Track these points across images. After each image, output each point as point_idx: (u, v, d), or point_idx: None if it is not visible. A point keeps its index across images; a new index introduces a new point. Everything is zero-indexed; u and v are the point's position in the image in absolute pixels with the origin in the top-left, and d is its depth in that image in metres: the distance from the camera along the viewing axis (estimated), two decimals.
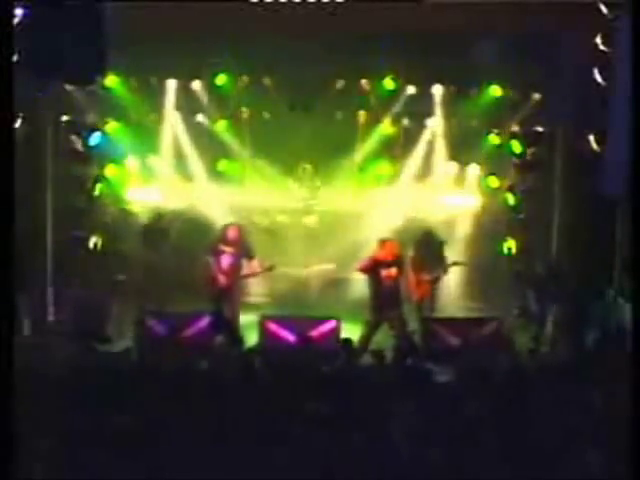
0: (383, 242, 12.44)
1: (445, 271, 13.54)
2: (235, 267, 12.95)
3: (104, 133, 14.97)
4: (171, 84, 15.09)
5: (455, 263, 13.73)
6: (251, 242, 13.26)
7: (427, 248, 13.62)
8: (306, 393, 7.78)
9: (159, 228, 14.73)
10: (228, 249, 12.92)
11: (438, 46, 13.66)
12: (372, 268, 12.22)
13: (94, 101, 14.72)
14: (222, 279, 12.86)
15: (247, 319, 13.12)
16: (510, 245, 15.18)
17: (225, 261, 12.92)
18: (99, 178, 14.97)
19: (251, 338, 12.37)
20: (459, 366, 9.19)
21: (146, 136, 15.25)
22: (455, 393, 7.97)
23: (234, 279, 12.94)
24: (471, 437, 6.78)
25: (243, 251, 12.97)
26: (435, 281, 13.45)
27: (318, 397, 7.63)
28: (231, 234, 12.97)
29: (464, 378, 8.55)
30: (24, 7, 10.03)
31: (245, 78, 14.96)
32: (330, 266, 15.65)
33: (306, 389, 7.92)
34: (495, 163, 15.42)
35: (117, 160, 15.21)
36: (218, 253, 12.91)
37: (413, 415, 7.22)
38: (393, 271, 12.21)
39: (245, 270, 13.10)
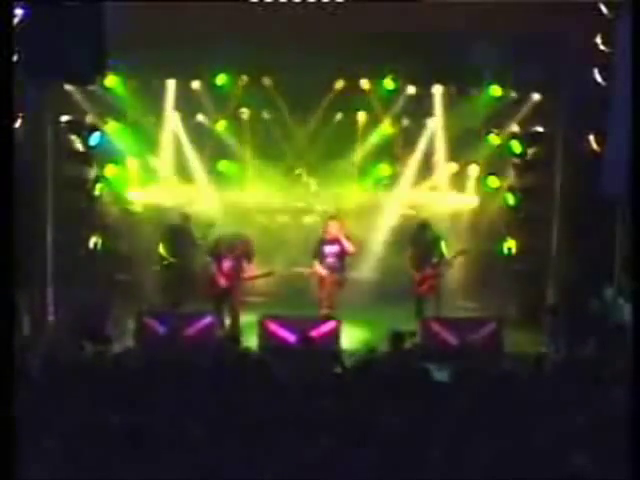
0: (327, 222, 13.55)
1: (448, 264, 13.54)
2: (235, 269, 12.96)
3: (104, 133, 14.95)
4: (171, 84, 15.08)
5: (460, 252, 13.74)
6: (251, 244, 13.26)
7: (422, 243, 13.60)
8: (305, 393, 7.79)
9: (183, 229, 14.25)
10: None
11: (438, 46, 13.66)
12: (319, 248, 13.35)
13: (94, 101, 14.71)
14: (222, 281, 12.91)
15: (247, 319, 13.12)
16: (510, 245, 15.17)
17: (225, 263, 12.95)
18: (99, 178, 14.94)
19: (251, 338, 12.39)
20: (458, 366, 9.18)
21: (146, 136, 15.25)
22: (454, 393, 7.97)
23: (234, 281, 12.96)
24: (470, 437, 6.79)
25: (243, 253, 12.99)
26: (438, 276, 13.44)
27: (318, 397, 7.63)
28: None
29: (464, 378, 8.54)
30: (24, 7, 10.04)
31: (245, 78, 14.97)
32: None
33: (306, 389, 7.92)
34: (495, 163, 15.41)
35: (117, 160, 15.20)
36: (218, 255, 12.95)
37: (411, 415, 7.22)
38: (334, 249, 13.26)
39: (245, 273, 13.08)
